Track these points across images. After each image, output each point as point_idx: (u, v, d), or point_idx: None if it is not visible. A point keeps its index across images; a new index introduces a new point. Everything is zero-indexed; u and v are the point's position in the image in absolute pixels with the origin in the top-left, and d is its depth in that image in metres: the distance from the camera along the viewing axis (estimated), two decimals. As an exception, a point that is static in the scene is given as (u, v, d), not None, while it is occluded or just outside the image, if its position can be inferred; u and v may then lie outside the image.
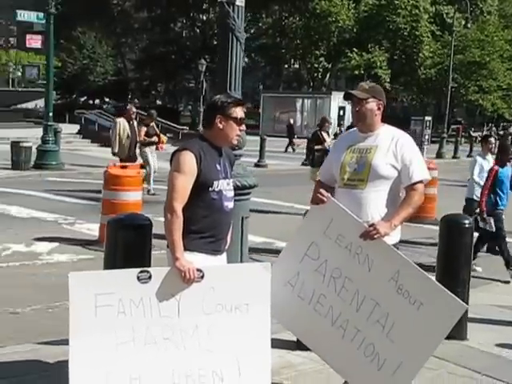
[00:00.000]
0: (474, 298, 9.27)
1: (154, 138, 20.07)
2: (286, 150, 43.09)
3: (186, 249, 5.34)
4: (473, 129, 67.18)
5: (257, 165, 31.13)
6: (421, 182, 5.78)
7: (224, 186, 5.57)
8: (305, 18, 68.25)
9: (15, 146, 26.15)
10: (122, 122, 18.42)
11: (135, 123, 19.30)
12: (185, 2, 69.82)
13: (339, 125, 50.54)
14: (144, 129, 19.74)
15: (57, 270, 10.32)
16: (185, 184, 5.35)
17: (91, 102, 78.48)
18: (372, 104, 5.91)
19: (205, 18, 76.14)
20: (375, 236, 5.52)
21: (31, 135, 31.40)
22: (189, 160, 5.37)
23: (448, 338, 7.23)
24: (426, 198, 16.76)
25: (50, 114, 27.34)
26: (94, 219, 13.35)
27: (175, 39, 73.32)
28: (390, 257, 5.57)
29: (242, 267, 6.06)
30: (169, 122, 48.04)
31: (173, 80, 75.09)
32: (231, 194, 5.69)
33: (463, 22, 61.46)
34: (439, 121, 50.46)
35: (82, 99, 78.73)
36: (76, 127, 45.64)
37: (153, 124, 20.53)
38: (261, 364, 5.52)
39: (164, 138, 21.26)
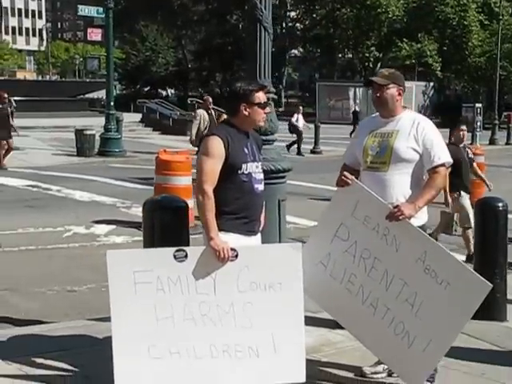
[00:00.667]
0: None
1: None
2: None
3: (220, 229, 5.38)
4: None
5: (312, 151, 31.03)
6: (443, 165, 5.71)
7: (253, 169, 5.58)
8: (356, 9, 67.68)
9: (79, 133, 26.65)
10: (202, 113, 18.40)
11: (213, 112, 19.14)
12: (240, -4, 70.05)
13: None
14: (224, 116, 19.54)
15: (112, 251, 10.53)
16: (213, 167, 5.38)
17: (154, 91, 79.07)
18: (392, 90, 5.82)
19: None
20: (400, 217, 5.48)
21: (96, 124, 31.73)
22: (217, 144, 5.40)
23: (487, 319, 7.27)
24: (475, 183, 16.44)
25: (112, 104, 27.83)
26: (149, 203, 13.51)
27: (231, 31, 73.42)
28: (417, 238, 5.55)
29: (274, 247, 6.06)
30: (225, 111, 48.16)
31: (229, 70, 75.25)
32: (261, 176, 5.69)
33: (510, 11, 60.11)
34: (492, 108, 49.02)
35: (146, 89, 79.31)
36: (139, 116, 46.03)
37: None
38: (295, 341, 5.52)
39: None
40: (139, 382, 5.37)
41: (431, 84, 65.16)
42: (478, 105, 48.35)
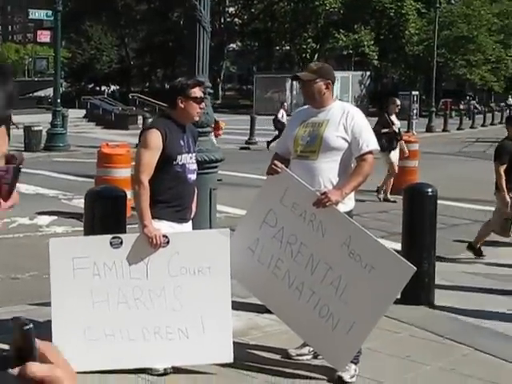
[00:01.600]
0: (449, 265, 9.37)
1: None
2: None
3: (154, 217, 5.48)
4: (462, 102, 63.85)
5: (247, 142, 30.63)
6: (370, 152, 5.72)
7: (187, 160, 5.69)
8: (293, 2, 66.66)
9: (27, 130, 26.50)
10: None
11: None
12: (181, -7, 69.69)
13: None
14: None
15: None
16: (150, 159, 5.49)
17: (98, 88, 78.83)
18: (319, 84, 5.83)
19: (200, 7, 75.91)
20: (327, 204, 5.48)
21: (43, 120, 31.37)
22: (155, 137, 5.52)
23: (415, 303, 7.32)
24: (407, 170, 16.47)
25: (58, 101, 27.78)
26: (89, 195, 13.48)
27: (172, 28, 72.86)
28: (342, 223, 5.58)
29: (203, 233, 6.14)
30: (166, 104, 47.62)
31: (170, 65, 74.95)
32: (194, 166, 5.81)
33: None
34: (429, 95, 47.59)
35: (90, 86, 79.08)
36: (83, 112, 45.49)
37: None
38: (223, 322, 5.63)
39: (223, 123, 19.43)
40: (76, 362, 5.40)
41: (368, 73, 63.99)
42: (415, 92, 47.85)
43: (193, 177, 5.78)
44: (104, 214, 6.40)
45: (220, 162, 7.14)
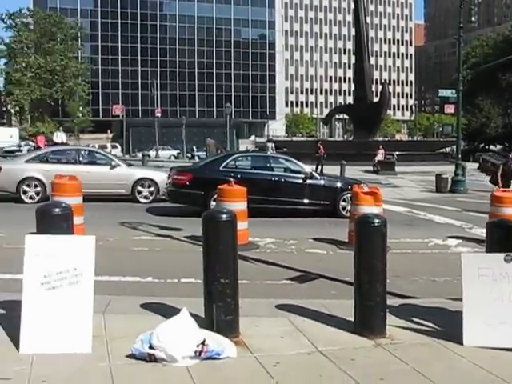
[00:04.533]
0: None
1: None
2: None
3: None
4: None
5: None
6: None
7: None
8: None
9: (438, 177, 26.99)
10: None
11: None
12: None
13: None
14: None
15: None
16: None
17: (487, 147, 76.29)
18: None
19: None
20: None
21: (448, 170, 31.39)
22: None
23: None
24: None
25: (459, 156, 28.19)
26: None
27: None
28: None
29: None
30: None
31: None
32: None
33: None
34: None
35: (481, 145, 76.94)
36: (476, 165, 44.60)
37: None
38: None
39: None
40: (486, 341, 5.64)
41: None
42: None
43: None
44: (501, 238, 6.25)
45: None
